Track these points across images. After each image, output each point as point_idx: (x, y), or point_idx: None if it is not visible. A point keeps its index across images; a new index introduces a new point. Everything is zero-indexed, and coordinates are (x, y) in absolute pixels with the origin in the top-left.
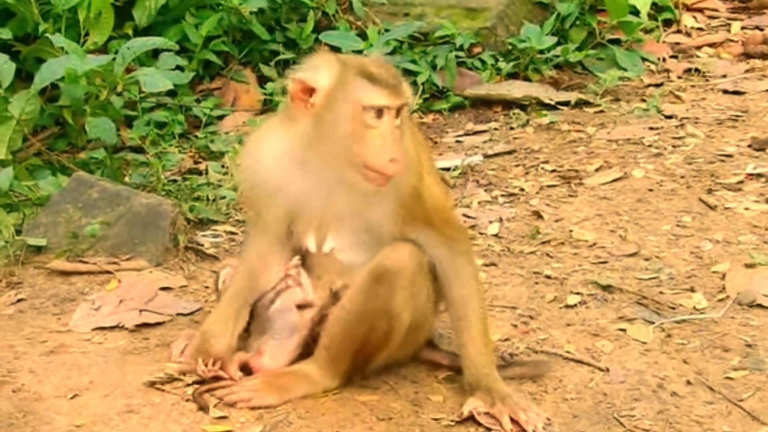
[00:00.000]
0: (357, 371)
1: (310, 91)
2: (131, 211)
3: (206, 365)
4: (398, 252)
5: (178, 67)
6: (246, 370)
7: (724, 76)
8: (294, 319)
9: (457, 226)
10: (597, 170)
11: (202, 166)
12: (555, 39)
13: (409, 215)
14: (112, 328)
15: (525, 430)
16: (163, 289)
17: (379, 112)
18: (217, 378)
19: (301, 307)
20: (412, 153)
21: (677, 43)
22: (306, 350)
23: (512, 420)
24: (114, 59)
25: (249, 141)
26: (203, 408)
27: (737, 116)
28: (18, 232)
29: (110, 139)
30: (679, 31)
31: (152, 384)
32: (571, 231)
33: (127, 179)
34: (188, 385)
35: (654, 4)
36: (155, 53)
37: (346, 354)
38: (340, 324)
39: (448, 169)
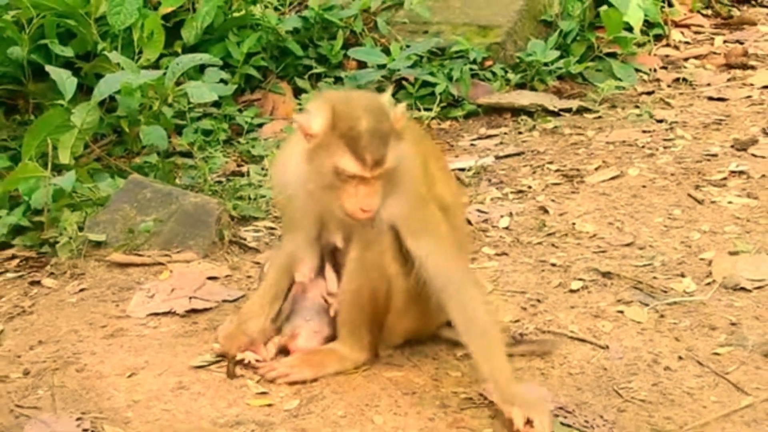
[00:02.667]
0: (378, 340)
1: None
2: (181, 209)
3: (239, 348)
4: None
5: (222, 81)
6: (283, 352)
7: (709, 84)
8: (322, 305)
9: (464, 233)
10: (596, 169)
11: (244, 169)
12: (558, 53)
13: (418, 220)
14: (164, 313)
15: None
16: (210, 278)
17: (353, 175)
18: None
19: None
20: (418, 165)
21: (667, 56)
22: (335, 333)
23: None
24: (165, 74)
25: (279, 155)
26: (230, 374)
27: (721, 120)
28: (80, 228)
29: (162, 145)
30: (668, 45)
31: (200, 366)
32: (573, 224)
33: (177, 181)
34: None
35: (646, 21)
36: (202, 68)
37: (362, 325)
38: (348, 299)
39: (463, 170)
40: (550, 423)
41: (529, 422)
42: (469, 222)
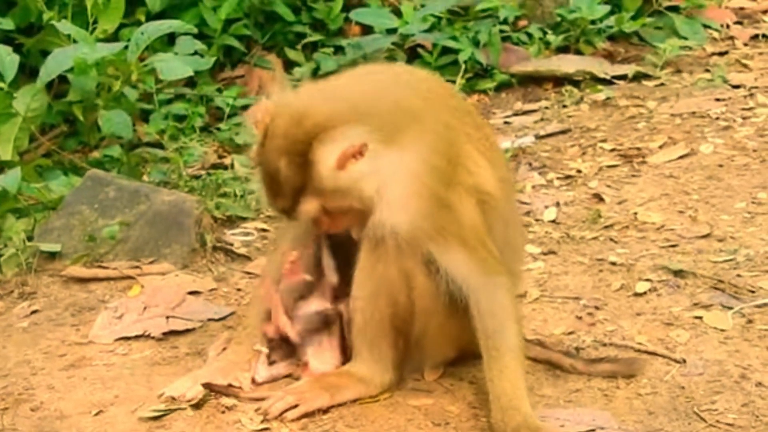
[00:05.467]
0: (404, 358)
1: None
2: (152, 209)
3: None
4: None
5: (197, 53)
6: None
7: None
8: (321, 319)
9: (511, 226)
10: (661, 147)
11: (227, 160)
12: (608, 8)
13: (431, 226)
14: (136, 337)
15: None
16: (191, 293)
17: None
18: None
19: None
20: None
21: (741, 8)
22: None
23: None
24: (127, 47)
25: None
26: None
27: None
28: (29, 238)
29: (125, 134)
30: None
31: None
32: (635, 213)
33: (145, 177)
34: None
35: None
36: (171, 39)
37: (383, 338)
38: (361, 306)
39: None
40: None
41: None
42: None
